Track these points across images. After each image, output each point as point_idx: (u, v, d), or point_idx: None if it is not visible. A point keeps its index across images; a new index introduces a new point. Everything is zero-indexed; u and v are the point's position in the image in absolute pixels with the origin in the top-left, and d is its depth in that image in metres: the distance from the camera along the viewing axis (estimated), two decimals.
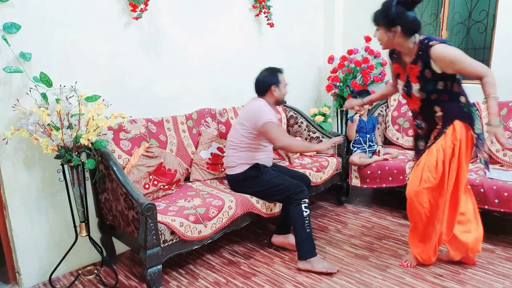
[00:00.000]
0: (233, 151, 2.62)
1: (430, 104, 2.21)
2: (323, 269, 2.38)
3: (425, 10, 3.71)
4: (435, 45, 2.07)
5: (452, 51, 2.07)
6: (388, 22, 2.10)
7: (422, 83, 2.17)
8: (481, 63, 2.10)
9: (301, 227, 2.42)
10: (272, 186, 2.52)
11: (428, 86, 2.16)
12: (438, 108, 2.20)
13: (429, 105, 2.21)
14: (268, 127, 2.46)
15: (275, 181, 2.54)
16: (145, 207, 1.95)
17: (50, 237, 2.40)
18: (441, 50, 2.07)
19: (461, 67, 2.07)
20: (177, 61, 2.93)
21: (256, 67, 3.57)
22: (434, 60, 2.09)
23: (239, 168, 2.60)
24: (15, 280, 2.36)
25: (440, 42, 2.09)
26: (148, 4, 2.57)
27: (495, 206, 2.61)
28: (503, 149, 2.50)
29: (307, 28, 3.99)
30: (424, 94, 2.19)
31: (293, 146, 2.61)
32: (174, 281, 2.39)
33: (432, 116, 2.23)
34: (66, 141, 2.07)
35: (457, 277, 2.34)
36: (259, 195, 2.56)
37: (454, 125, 2.16)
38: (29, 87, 2.13)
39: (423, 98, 2.21)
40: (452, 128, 2.17)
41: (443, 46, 2.07)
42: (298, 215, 2.42)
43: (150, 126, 2.72)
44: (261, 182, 2.55)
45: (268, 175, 2.57)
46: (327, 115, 3.83)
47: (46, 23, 2.23)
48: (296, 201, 2.43)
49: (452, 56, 2.06)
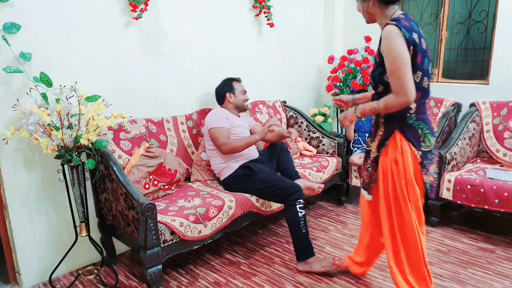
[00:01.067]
0: (212, 159, 2.72)
1: (378, 98, 1.83)
2: (322, 269, 2.38)
3: (425, 10, 3.71)
4: (390, 24, 1.70)
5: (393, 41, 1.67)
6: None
7: (374, 66, 1.89)
8: (406, 81, 1.67)
9: (296, 228, 2.40)
10: (267, 186, 2.52)
11: (375, 72, 1.84)
12: None
13: (378, 99, 1.83)
14: (211, 133, 2.63)
15: (270, 180, 2.53)
16: (145, 207, 1.95)
17: (50, 237, 2.40)
18: (386, 32, 1.70)
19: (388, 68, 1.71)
20: (177, 61, 2.93)
21: (256, 67, 3.56)
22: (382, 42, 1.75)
23: (227, 171, 2.64)
24: (15, 280, 2.36)
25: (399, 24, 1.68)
26: (148, 4, 2.57)
27: (495, 206, 2.61)
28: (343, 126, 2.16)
29: (307, 28, 3.99)
30: (372, 82, 1.89)
31: (236, 147, 2.59)
32: (174, 281, 2.39)
33: (377, 115, 1.91)
34: (66, 141, 2.07)
35: (457, 277, 2.34)
36: (255, 194, 2.57)
37: (394, 136, 1.82)
38: (29, 87, 2.13)
39: (373, 86, 1.90)
40: (393, 139, 1.82)
41: (393, 28, 1.68)
42: (293, 216, 2.40)
43: (150, 126, 2.72)
44: (256, 181, 2.55)
45: (262, 174, 2.58)
46: (327, 115, 3.83)
47: (46, 23, 2.23)
48: (290, 202, 2.42)
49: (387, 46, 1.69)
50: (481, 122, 3.24)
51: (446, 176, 2.83)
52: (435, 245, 2.72)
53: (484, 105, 3.27)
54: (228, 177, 2.64)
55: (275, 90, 3.75)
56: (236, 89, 2.82)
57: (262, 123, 3.38)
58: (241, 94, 2.84)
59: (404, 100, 1.69)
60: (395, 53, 1.67)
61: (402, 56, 1.66)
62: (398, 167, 1.81)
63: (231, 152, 2.60)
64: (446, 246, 2.72)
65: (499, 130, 3.14)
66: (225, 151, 2.60)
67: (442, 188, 2.85)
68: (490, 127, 3.20)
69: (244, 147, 2.59)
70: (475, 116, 3.24)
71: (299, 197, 2.44)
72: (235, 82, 2.85)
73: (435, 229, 2.96)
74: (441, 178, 2.86)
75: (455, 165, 3.00)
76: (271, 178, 2.56)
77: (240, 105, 2.84)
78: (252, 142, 2.61)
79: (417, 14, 3.78)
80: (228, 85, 2.84)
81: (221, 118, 2.67)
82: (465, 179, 2.75)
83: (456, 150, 3.00)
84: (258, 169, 2.61)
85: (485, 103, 3.27)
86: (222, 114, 2.71)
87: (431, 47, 3.71)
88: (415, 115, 1.79)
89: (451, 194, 2.81)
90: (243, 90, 2.86)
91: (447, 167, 2.91)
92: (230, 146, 2.58)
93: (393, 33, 1.67)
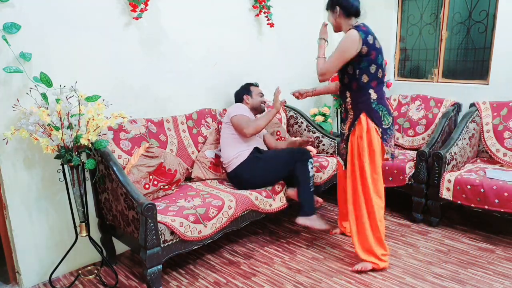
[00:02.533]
0: (225, 148, 2.83)
1: (344, 88, 2.41)
2: (321, 226, 2.64)
3: (425, 10, 3.71)
4: (351, 29, 2.27)
5: (346, 39, 2.25)
6: (332, 4, 2.39)
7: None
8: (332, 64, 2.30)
9: (305, 185, 2.62)
10: (277, 159, 2.71)
11: (342, 66, 2.34)
12: (349, 94, 2.39)
13: (344, 89, 2.42)
14: (235, 120, 2.79)
15: (277, 154, 2.78)
16: (145, 207, 1.95)
17: (50, 237, 2.40)
18: (347, 33, 2.28)
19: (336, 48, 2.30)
20: (177, 61, 2.93)
21: (256, 67, 3.57)
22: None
23: (238, 159, 2.74)
24: (15, 280, 2.36)
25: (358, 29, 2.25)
26: (148, 4, 2.57)
27: (495, 206, 2.61)
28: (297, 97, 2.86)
29: (307, 28, 3.98)
30: (340, 74, 2.42)
31: (258, 126, 2.76)
32: (174, 281, 2.39)
33: (345, 101, 2.43)
34: (66, 141, 2.07)
35: (457, 277, 2.34)
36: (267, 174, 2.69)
37: (361, 118, 2.33)
38: (29, 87, 2.13)
39: (340, 78, 2.44)
40: (360, 120, 2.33)
41: (352, 32, 2.24)
42: (304, 173, 2.61)
43: (150, 126, 2.72)
44: (265, 160, 2.73)
45: (269, 153, 2.84)
46: (327, 115, 3.83)
47: (46, 23, 2.23)
48: (302, 161, 2.62)
49: (341, 41, 2.28)
50: (481, 122, 3.24)
51: (446, 176, 2.83)
52: (435, 245, 2.73)
53: (484, 105, 3.27)
54: (239, 165, 2.73)
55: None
56: (252, 91, 3.04)
57: None
58: (258, 96, 3.04)
59: (322, 68, 2.33)
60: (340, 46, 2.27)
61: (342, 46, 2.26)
62: (363, 141, 2.33)
63: (255, 131, 2.76)
64: (446, 246, 2.72)
65: (499, 130, 3.14)
66: (250, 133, 2.74)
67: (442, 188, 2.85)
68: (490, 127, 3.20)
69: (265, 123, 2.77)
70: (475, 116, 3.24)
71: (309, 157, 2.66)
72: (252, 86, 3.08)
73: (435, 229, 2.96)
74: (441, 178, 2.86)
75: (455, 165, 3.00)
76: (278, 153, 2.81)
77: (257, 106, 3.02)
78: (270, 117, 2.78)
79: (417, 14, 3.78)
80: (246, 89, 3.06)
81: (243, 109, 2.89)
82: (465, 179, 2.75)
83: (456, 150, 3.00)
84: (264, 151, 2.86)
85: (485, 103, 3.27)
86: (244, 107, 2.94)
87: (431, 47, 3.72)
88: (376, 100, 2.32)
89: (451, 194, 2.81)
90: (259, 92, 3.06)
91: (447, 167, 2.91)
92: (254, 125, 2.74)
93: (350, 35, 2.25)
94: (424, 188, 2.99)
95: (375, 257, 2.40)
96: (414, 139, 3.50)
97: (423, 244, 2.75)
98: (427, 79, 3.77)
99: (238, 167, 2.73)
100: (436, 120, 3.39)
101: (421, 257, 2.57)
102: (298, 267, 2.50)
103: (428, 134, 3.41)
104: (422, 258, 2.57)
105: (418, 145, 3.44)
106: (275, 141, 3.13)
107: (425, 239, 2.82)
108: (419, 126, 3.49)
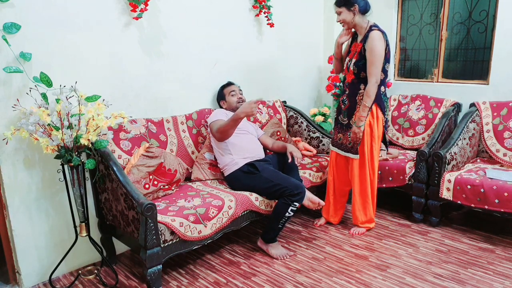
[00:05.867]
0: (220, 157, 2.80)
1: (358, 82, 2.65)
2: (275, 255, 2.59)
3: (425, 10, 3.71)
4: (375, 30, 2.53)
5: (377, 42, 2.51)
6: (348, 1, 2.54)
7: (358, 58, 2.62)
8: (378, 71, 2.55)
9: (277, 220, 2.56)
10: (270, 186, 2.54)
11: (359, 62, 2.60)
12: (363, 86, 2.63)
13: (358, 82, 2.65)
14: (210, 128, 2.78)
15: (273, 179, 2.57)
16: (145, 207, 1.95)
17: (50, 237, 2.40)
18: (374, 35, 2.52)
19: (370, 60, 2.53)
20: (177, 61, 2.93)
21: (256, 67, 3.57)
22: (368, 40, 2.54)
23: (233, 166, 2.71)
24: (15, 280, 2.36)
25: (379, 29, 2.55)
26: (148, 4, 2.57)
27: (495, 206, 2.61)
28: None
29: (307, 28, 3.98)
30: (356, 69, 2.63)
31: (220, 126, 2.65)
32: (174, 281, 2.39)
33: (356, 93, 2.67)
34: (66, 141, 2.07)
35: (457, 277, 2.34)
36: (257, 192, 2.59)
37: (372, 108, 2.62)
38: (29, 87, 2.13)
39: (355, 73, 2.64)
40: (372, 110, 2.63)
41: (378, 33, 2.52)
42: (282, 211, 2.52)
43: (150, 126, 2.72)
44: (259, 179, 2.59)
45: (266, 172, 2.62)
46: (327, 115, 3.83)
47: (46, 23, 2.23)
48: (287, 200, 2.50)
49: (373, 44, 2.51)
50: (481, 122, 3.24)
51: (446, 176, 2.83)
52: (435, 245, 2.73)
53: (484, 105, 3.27)
54: (233, 172, 2.69)
55: (275, 90, 3.75)
56: (225, 94, 2.99)
57: (261, 123, 3.39)
58: (230, 96, 2.97)
59: (376, 80, 2.55)
60: (375, 48, 2.52)
61: (379, 50, 2.53)
62: (372, 129, 2.67)
63: (223, 134, 2.65)
64: (446, 246, 2.72)
65: (499, 130, 3.14)
66: (217, 136, 2.71)
67: (442, 188, 2.85)
68: (490, 127, 3.20)
69: (230, 124, 2.58)
70: (475, 116, 3.24)
71: (297, 200, 2.51)
72: (224, 88, 3.03)
73: (435, 229, 2.96)
74: (441, 178, 2.86)
75: (455, 165, 3.00)
76: (274, 176, 2.59)
77: (233, 107, 2.93)
78: (236, 118, 2.55)
79: (417, 14, 3.78)
80: (219, 94, 3.06)
81: (220, 114, 2.82)
82: (465, 179, 2.75)
83: (456, 150, 3.01)
84: (262, 168, 2.65)
85: (485, 103, 3.27)
86: (221, 111, 2.88)
87: (431, 47, 3.72)
88: (384, 93, 2.69)
89: (451, 194, 2.81)
90: (231, 91, 2.97)
91: (447, 167, 2.91)
92: (216, 127, 2.68)
93: (378, 37, 2.52)
94: (424, 188, 2.98)
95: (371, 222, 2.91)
96: (414, 139, 3.50)
97: (423, 244, 2.75)
98: (427, 79, 3.77)
99: (234, 173, 2.70)
100: (436, 120, 3.39)
101: (421, 257, 2.57)
102: (298, 267, 2.50)
103: (428, 134, 3.41)
104: (422, 258, 2.57)
105: (418, 145, 3.44)
106: (272, 141, 3.01)
107: (425, 239, 2.82)
108: (419, 126, 3.49)
